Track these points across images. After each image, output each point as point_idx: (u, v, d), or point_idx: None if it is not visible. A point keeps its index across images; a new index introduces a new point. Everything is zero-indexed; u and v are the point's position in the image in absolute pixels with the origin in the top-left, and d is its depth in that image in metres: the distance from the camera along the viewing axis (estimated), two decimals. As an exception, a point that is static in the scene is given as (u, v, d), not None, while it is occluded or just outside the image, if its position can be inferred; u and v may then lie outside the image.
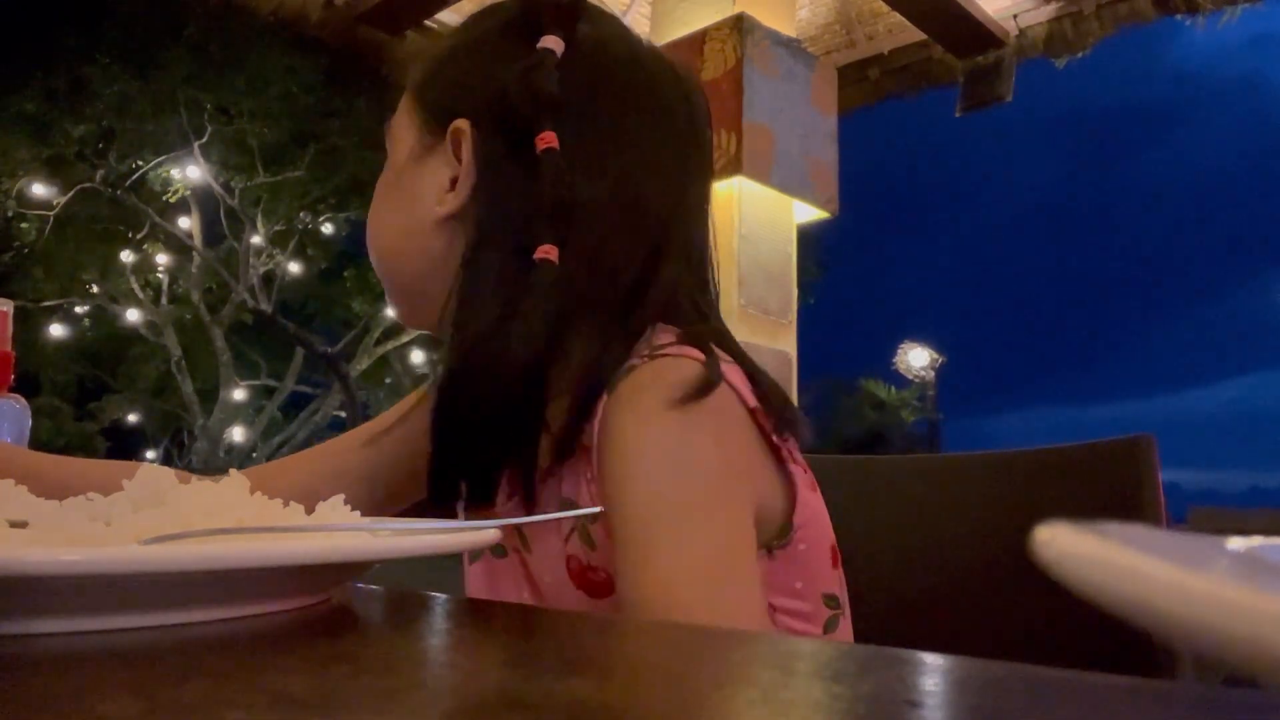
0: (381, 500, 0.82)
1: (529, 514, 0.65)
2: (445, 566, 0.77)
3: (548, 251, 0.64)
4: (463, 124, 0.68)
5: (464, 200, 0.67)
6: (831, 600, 0.70)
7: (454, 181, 0.68)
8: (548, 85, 0.65)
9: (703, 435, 0.61)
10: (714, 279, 0.75)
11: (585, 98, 0.68)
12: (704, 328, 0.68)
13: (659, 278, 0.68)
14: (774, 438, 0.65)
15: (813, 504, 0.68)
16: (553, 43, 0.68)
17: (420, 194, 0.69)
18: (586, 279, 0.65)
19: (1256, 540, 0.19)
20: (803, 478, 0.67)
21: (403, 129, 0.72)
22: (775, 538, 0.66)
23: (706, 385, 0.60)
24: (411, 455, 0.79)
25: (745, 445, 0.64)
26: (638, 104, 0.70)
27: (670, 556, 0.58)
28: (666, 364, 0.62)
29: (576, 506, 0.65)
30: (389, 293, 0.73)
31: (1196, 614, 0.13)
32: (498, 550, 0.74)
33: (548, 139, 0.65)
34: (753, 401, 0.64)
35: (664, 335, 0.66)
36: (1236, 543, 0.19)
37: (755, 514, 0.63)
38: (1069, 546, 0.16)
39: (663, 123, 0.71)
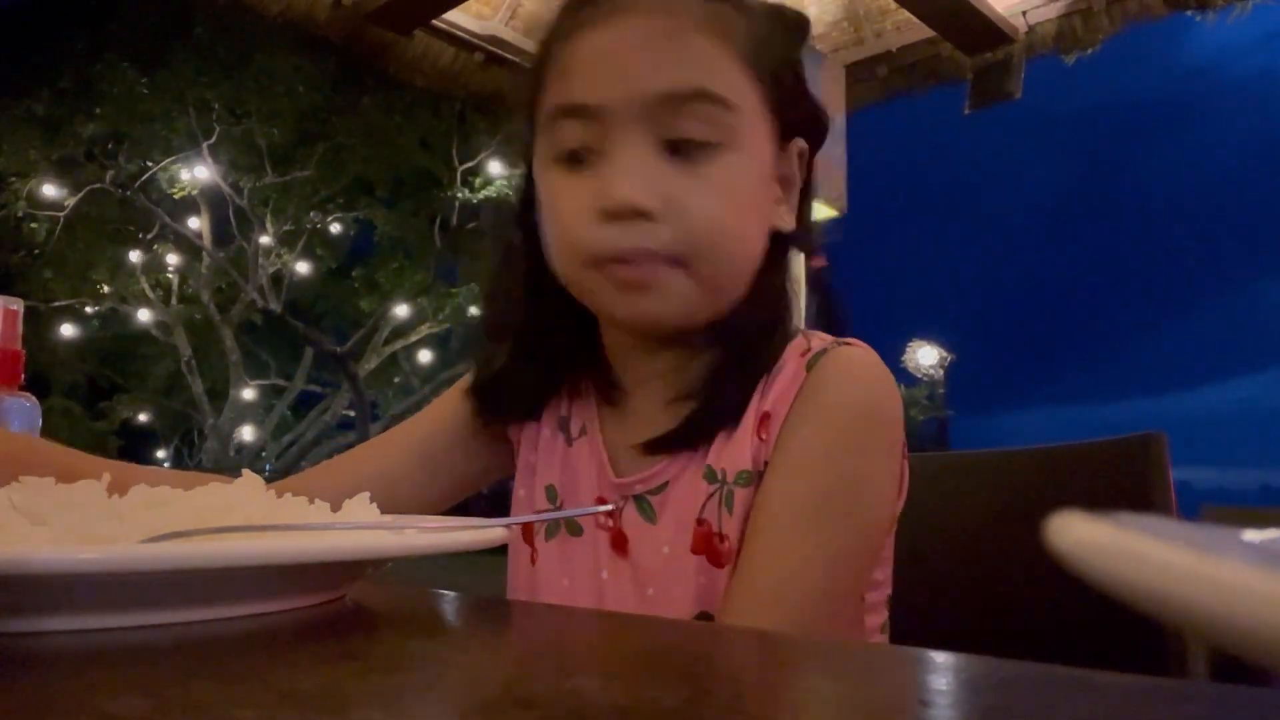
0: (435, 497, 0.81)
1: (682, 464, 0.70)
2: (471, 566, 0.77)
3: (821, 263, 0.78)
4: (804, 146, 0.74)
5: (794, 217, 0.74)
6: (888, 605, 0.73)
7: (781, 194, 0.73)
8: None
9: (887, 435, 0.67)
10: None
11: None
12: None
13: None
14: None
15: None
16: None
17: (769, 201, 0.71)
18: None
19: (1272, 533, 0.19)
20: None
21: (761, 131, 0.69)
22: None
23: (892, 388, 0.68)
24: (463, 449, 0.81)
25: (901, 440, 0.69)
26: None
27: (812, 553, 0.62)
28: (859, 353, 0.69)
29: (725, 476, 0.68)
30: (707, 281, 0.66)
31: (1213, 601, 0.13)
32: (573, 528, 0.74)
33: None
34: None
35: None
36: (1252, 534, 0.19)
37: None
38: (1084, 536, 0.15)
39: None
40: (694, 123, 0.65)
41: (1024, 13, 3.84)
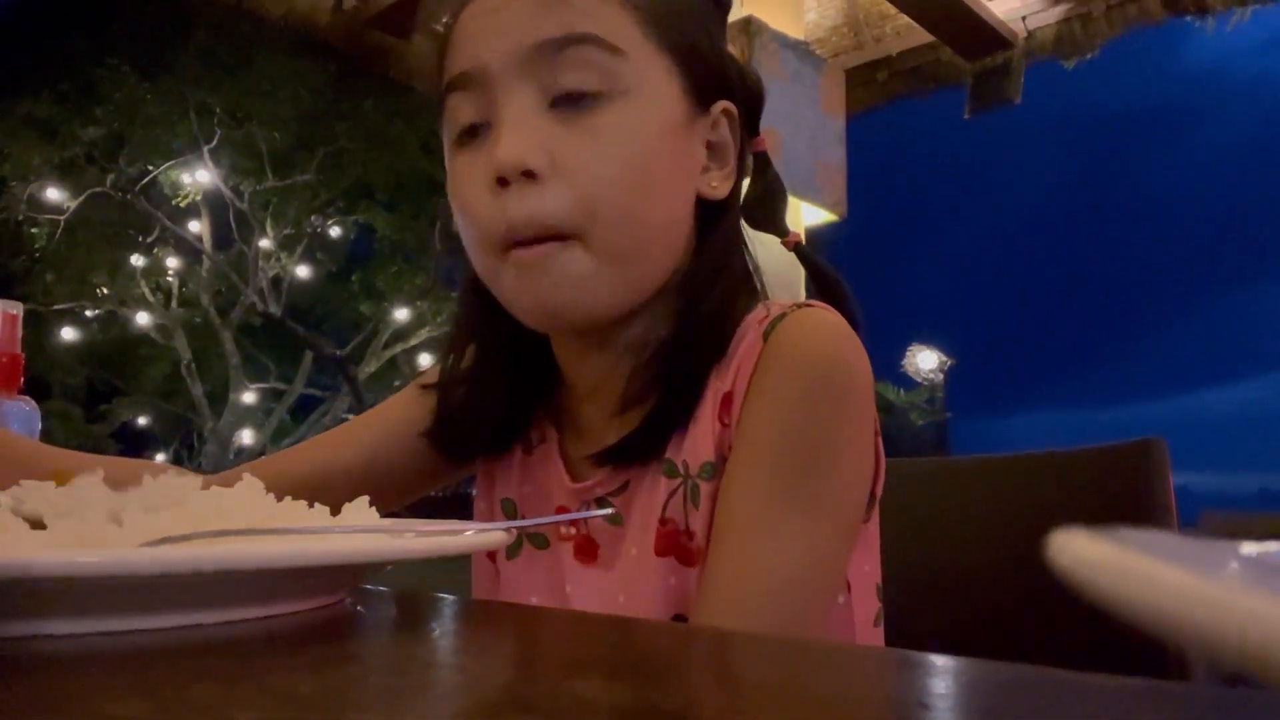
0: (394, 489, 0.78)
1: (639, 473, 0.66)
2: (470, 569, 0.76)
3: (797, 238, 0.74)
4: (730, 108, 0.69)
5: (731, 185, 0.70)
6: (880, 592, 0.69)
7: (711, 161, 0.69)
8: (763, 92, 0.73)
9: (855, 403, 0.62)
10: None
11: None
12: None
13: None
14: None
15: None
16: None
17: (685, 163, 0.67)
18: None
19: (1271, 546, 0.19)
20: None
21: (659, 81, 0.64)
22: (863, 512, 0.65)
23: (858, 349, 0.63)
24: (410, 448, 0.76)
25: (872, 411, 0.64)
26: None
27: (780, 547, 0.58)
28: (818, 314, 0.64)
29: (682, 467, 0.65)
30: (608, 251, 0.62)
31: (1211, 620, 0.13)
32: (539, 541, 0.71)
33: (763, 143, 0.73)
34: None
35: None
36: (1250, 548, 0.19)
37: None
38: (1084, 553, 0.15)
39: None
40: (576, 71, 0.61)
41: (1023, 17, 3.85)
